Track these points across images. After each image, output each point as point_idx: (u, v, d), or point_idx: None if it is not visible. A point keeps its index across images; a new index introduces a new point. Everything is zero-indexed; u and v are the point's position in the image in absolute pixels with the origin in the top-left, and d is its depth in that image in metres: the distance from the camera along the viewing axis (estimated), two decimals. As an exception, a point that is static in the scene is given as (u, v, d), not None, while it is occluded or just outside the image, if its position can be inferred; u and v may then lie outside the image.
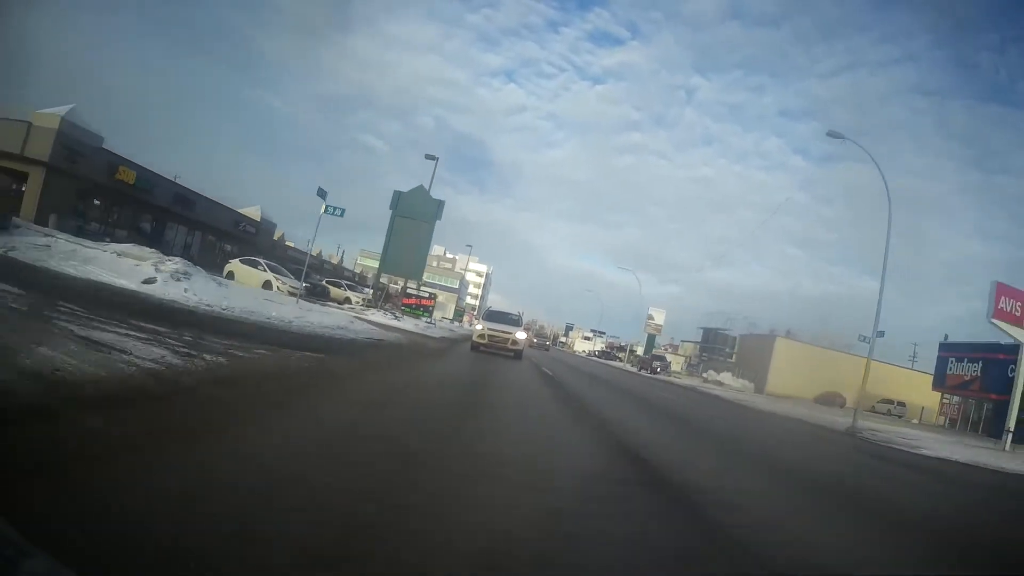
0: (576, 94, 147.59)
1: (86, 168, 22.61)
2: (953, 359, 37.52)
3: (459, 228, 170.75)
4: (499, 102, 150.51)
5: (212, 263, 25.01)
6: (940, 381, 38.62)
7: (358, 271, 71.02)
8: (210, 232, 31.91)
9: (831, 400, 43.88)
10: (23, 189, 23.53)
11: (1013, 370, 28.53)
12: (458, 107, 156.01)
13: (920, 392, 43.08)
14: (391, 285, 34.78)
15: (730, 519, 3.19)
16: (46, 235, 17.28)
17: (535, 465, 3.77)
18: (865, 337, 19.39)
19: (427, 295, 33.17)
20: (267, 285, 19.21)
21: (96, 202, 24.76)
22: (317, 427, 3.60)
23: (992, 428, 28.88)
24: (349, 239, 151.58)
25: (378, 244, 33.95)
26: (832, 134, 15.97)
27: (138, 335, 4.57)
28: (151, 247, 20.03)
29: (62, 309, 4.92)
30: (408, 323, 23.48)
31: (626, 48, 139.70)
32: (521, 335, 16.80)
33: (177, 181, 28.28)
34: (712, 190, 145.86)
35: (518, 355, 16.10)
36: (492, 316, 18.28)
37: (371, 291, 32.17)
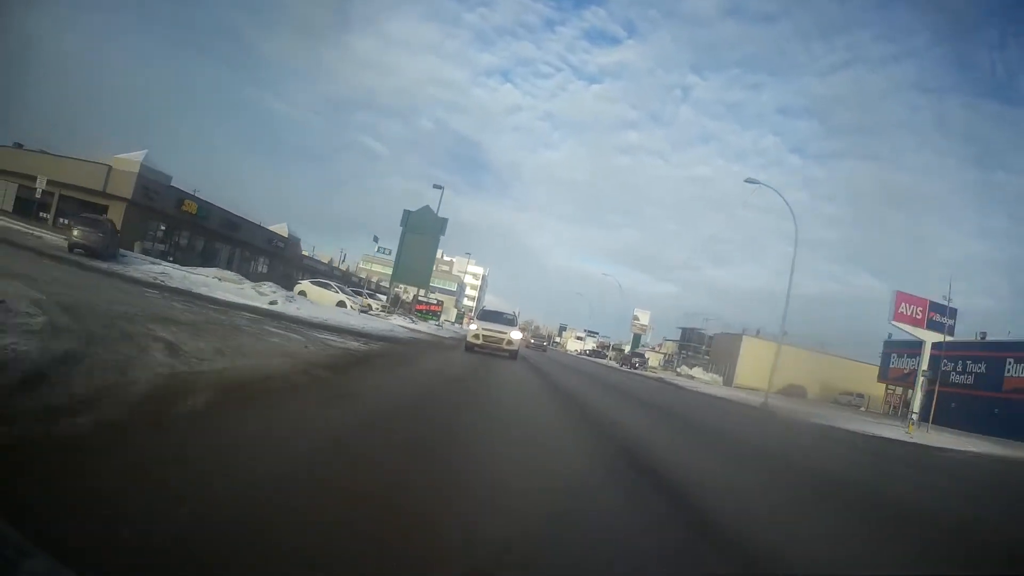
0: (573, 94, 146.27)
1: (160, 202, 27.66)
2: (895, 355, 42.82)
3: (457, 229, 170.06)
4: (496, 102, 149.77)
5: (250, 274, 30.03)
6: (884, 374, 43.95)
7: (363, 276, 75.85)
8: (247, 249, 37.00)
9: (793, 392, 49.03)
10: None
11: (943, 363, 33.97)
12: (456, 107, 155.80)
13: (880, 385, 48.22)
14: (396, 290, 39.92)
15: (611, 425, 8.27)
16: (152, 263, 22.12)
17: (522, 387, 8.96)
18: (776, 334, 24.46)
19: (435, 302, 38.48)
20: (341, 304, 23.89)
21: (161, 228, 29.77)
22: (430, 366, 8.82)
23: (922, 414, 34.08)
24: (349, 239, 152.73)
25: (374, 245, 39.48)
26: (749, 180, 21.13)
27: (330, 335, 9.65)
28: (205, 265, 24.95)
29: (288, 324, 9.99)
30: (422, 325, 28.60)
31: (623, 47, 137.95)
32: (516, 335, 16.95)
33: (196, 195, 32.93)
34: (710, 190, 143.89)
35: (513, 355, 16.38)
36: (486, 316, 18.33)
37: (386, 298, 37.25)
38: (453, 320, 65.63)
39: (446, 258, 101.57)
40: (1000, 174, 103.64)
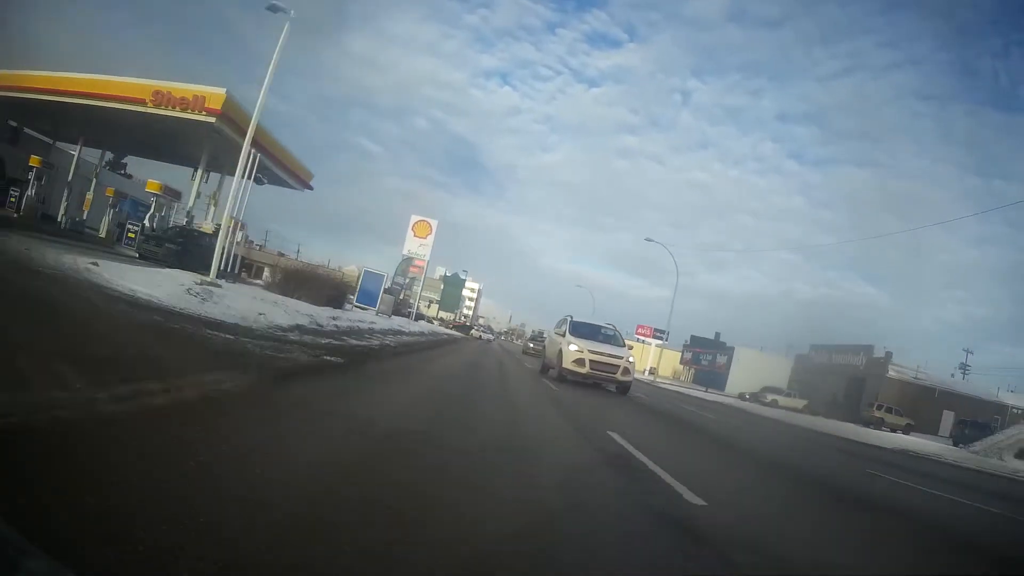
0: (572, 97, 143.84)
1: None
2: (685, 351, 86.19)
3: (450, 230, 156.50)
4: (494, 104, 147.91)
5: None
6: (683, 359, 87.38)
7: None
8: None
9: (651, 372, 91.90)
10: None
11: (702, 356, 78.42)
12: (453, 109, 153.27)
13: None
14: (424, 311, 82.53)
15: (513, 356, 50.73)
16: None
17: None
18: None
19: (463, 322, 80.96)
20: (477, 337, 64.02)
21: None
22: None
23: (703, 382, 76.81)
24: (347, 239, 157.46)
25: (374, 244, 79.33)
26: (579, 287, 62.23)
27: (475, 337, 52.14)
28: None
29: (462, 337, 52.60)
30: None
31: (624, 50, 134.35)
32: (632, 360, 12.84)
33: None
34: (708, 195, 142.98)
35: (624, 389, 12.51)
36: (582, 330, 13.48)
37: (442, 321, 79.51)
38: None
39: (447, 274, 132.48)
40: (999, 182, 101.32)
